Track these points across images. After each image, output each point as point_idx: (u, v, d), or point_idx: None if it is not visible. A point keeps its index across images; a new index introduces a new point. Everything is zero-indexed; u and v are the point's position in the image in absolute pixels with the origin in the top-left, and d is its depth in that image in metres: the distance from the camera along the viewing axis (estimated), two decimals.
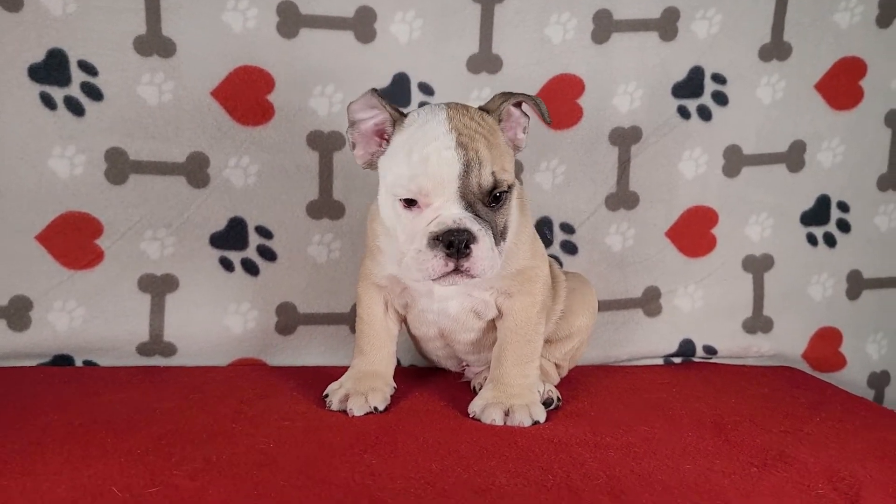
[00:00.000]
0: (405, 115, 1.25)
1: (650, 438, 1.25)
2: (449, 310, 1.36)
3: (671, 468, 1.13)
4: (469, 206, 1.17)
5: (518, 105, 1.29)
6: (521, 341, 1.33)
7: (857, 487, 1.09)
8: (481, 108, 1.27)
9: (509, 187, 1.22)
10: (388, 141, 1.25)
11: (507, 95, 1.27)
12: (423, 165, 1.17)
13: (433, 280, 1.18)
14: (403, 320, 1.44)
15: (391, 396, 1.37)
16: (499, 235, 1.21)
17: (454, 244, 1.14)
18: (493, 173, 1.18)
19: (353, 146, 1.28)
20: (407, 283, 1.34)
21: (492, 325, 1.39)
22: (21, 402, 1.32)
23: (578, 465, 1.13)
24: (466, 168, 1.16)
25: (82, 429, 1.19)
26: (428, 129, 1.19)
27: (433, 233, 1.15)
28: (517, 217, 1.31)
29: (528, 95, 1.28)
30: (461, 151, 1.16)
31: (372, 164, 1.28)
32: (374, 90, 1.23)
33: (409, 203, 1.20)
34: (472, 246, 1.15)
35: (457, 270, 1.16)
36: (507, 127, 1.29)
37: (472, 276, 1.17)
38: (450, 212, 1.16)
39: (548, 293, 1.39)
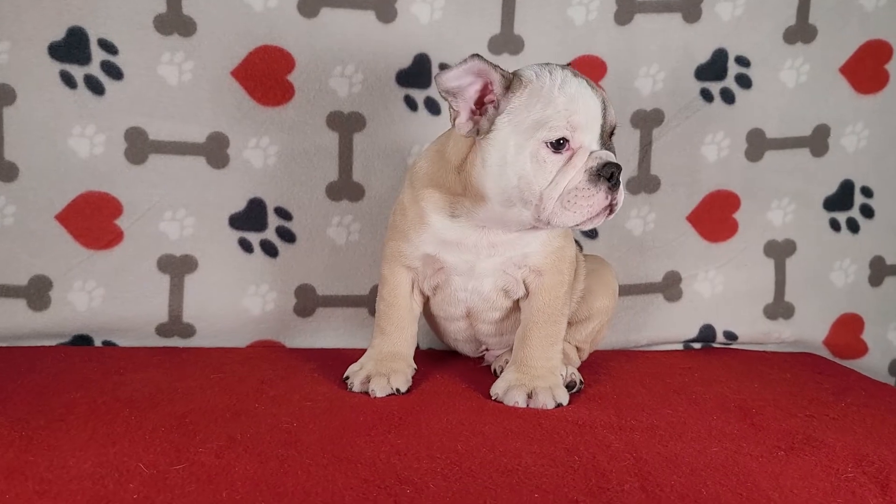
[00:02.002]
0: (515, 76, 1.24)
1: (675, 421, 1.24)
2: (483, 288, 1.35)
3: (698, 451, 1.12)
4: (604, 146, 1.23)
5: None
6: (547, 321, 1.33)
7: (886, 471, 1.08)
8: None
9: None
10: (496, 104, 1.22)
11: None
12: (574, 103, 1.20)
13: (587, 220, 1.21)
14: (426, 302, 1.43)
15: (412, 378, 1.36)
16: None
17: (615, 176, 1.19)
18: (615, 114, 1.25)
19: (456, 115, 1.24)
20: (445, 262, 1.33)
21: (515, 307, 1.38)
22: (43, 381, 1.32)
23: (604, 448, 1.12)
24: (604, 106, 1.22)
25: (105, 406, 1.19)
26: (559, 76, 1.22)
27: (593, 167, 1.19)
28: None
29: None
30: (597, 92, 1.22)
31: (480, 130, 1.23)
32: (478, 55, 1.20)
33: (558, 147, 1.20)
34: (620, 179, 1.21)
35: (609, 207, 1.21)
36: None
37: (613, 214, 1.22)
38: (601, 150, 1.21)
39: (573, 272, 1.38)
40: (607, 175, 1.18)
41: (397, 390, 1.31)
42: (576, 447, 1.11)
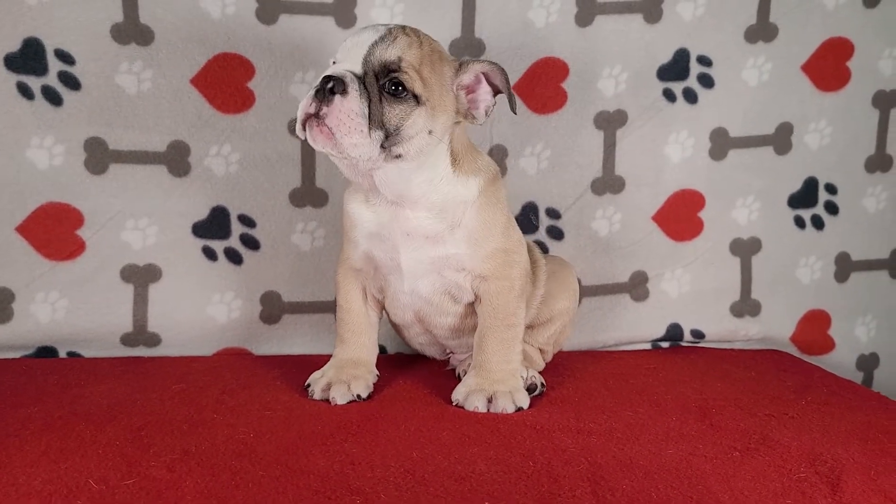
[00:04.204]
0: None
1: (633, 423, 1.25)
2: (420, 290, 1.34)
3: (653, 453, 1.13)
4: (363, 79, 1.18)
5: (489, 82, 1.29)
6: (501, 326, 1.32)
7: (838, 470, 1.09)
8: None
9: (416, 97, 1.20)
10: None
11: (482, 61, 1.28)
12: (348, 35, 1.26)
13: (302, 132, 1.19)
14: (383, 308, 1.43)
15: (374, 384, 1.36)
16: (382, 128, 1.18)
17: (326, 88, 1.16)
18: (399, 58, 1.19)
19: None
20: (377, 260, 1.33)
21: (471, 310, 1.38)
22: (0, 395, 1.31)
23: (560, 452, 1.12)
24: (378, 41, 1.20)
25: (61, 421, 1.18)
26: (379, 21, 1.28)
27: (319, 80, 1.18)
28: (462, 185, 1.30)
29: (497, 69, 1.27)
30: (384, 30, 1.22)
31: None
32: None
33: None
34: (337, 95, 1.16)
35: (317, 116, 1.16)
36: (471, 89, 1.29)
37: (328, 130, 1.16)
38: (341, 66, 1.20)
39: (526, 279, 1.38)
40: (318, 86, 1.16)
41: (358, 397, 1.31)
42: (531, 452, 1.12)
